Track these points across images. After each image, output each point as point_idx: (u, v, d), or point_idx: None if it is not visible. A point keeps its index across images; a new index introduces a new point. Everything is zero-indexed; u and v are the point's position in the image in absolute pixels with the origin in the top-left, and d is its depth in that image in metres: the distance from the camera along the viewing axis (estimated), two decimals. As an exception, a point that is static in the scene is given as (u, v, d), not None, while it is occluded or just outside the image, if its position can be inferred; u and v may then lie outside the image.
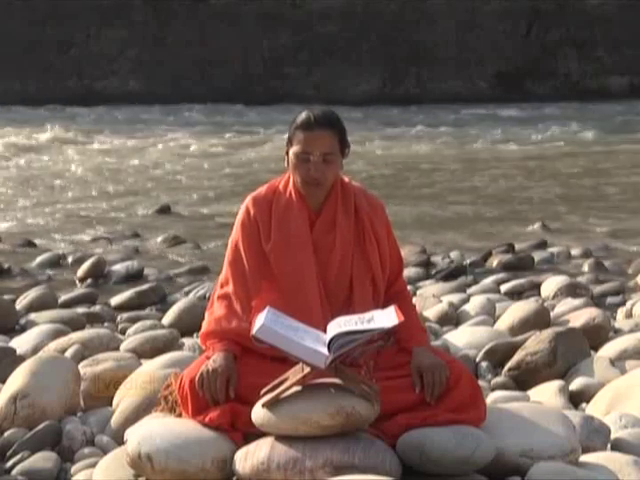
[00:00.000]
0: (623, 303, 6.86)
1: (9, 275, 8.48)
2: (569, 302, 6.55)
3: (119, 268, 8.32)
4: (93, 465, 3.73)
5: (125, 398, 4.21)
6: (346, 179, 3.86)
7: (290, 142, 3.75)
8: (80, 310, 6.72)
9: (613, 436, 3.80)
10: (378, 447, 3.38)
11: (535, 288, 7.39)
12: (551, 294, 7.06)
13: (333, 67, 30.53)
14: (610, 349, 5.16)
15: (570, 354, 4.91)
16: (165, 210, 12.21)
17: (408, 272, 7.77)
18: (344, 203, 3.79)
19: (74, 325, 6.06)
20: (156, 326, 6.07)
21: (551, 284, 7.23)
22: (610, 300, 7.12)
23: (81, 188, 14.26)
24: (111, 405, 4.34)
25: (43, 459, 3.88)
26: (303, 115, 3.73)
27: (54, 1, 30.80)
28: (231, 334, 3.67)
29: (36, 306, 6.92)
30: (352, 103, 26.84)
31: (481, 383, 4.38)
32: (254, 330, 3.38)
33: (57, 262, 8.94)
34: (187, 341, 5.49)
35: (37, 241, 10.09)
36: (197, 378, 3.57)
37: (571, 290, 7.03)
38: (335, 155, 3.72)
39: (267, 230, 3.76)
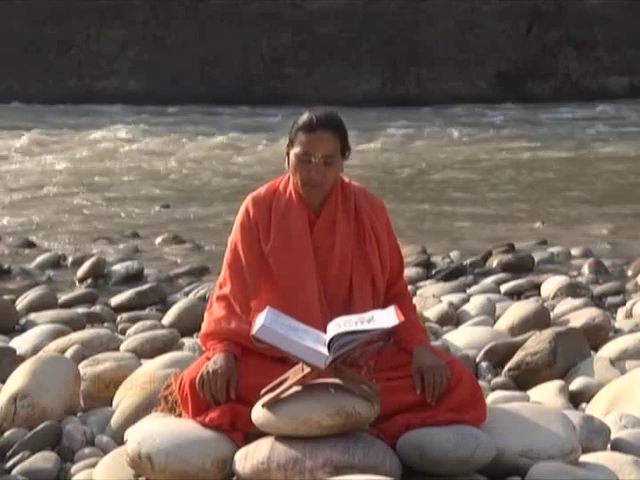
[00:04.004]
0: (623, 303, 6.85)
1: (9, 275, 8.47)
2: (569, 302, 6.55)
3: (119, 268, 8.31)
4: (93, 465, 3.73)
5: (125, 398, 4.21)
6: (346, 179, 3.86)
7: (291, 143, 3.74)
8: (80, 310, 6.72)
9: (613, 436, 3.80)
10: (378, 447, 3.38)
11: (535, 288, 7.39)
12: (551, 294, 7.06)
13: (333, 67, 30.50)
14: (610, 349, 5.16)
15: (570, 354, 4.91)
16: (165, 210, 12.21)
17: (408, 272, 7.76)
18: (344, 203, 3.79)
19: (74, 325, 6.06)
20: (156, 326, 6.07)
21: (551, 284, 7.23)
22: (610, 300, 7.12)
23: (81, 188, 14.25)
24: (111, 405, 4.34)
25: (43, 459, 3.88)
26: (305, 116, 3.72)
27: (54, 1, 30.76)
28: (231, 335, 3.67)
29: (36, 306, 6.92)
30: (352, 103, 26.83)
31: (481, 383, 4.38)
32: (254, 330, 3.38)
33: (57, 262, 8.93)
34: (187, 341, 5.49)
35: (37, 241, 10.09)
36: (197, 379, 3.57)
37: (571, 290, 7.03)
38: (336, 157, 3.72)
39: (266, 231, 3.76)
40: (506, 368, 4.95)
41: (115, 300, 7.22)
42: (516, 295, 7.32)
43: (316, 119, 3.69)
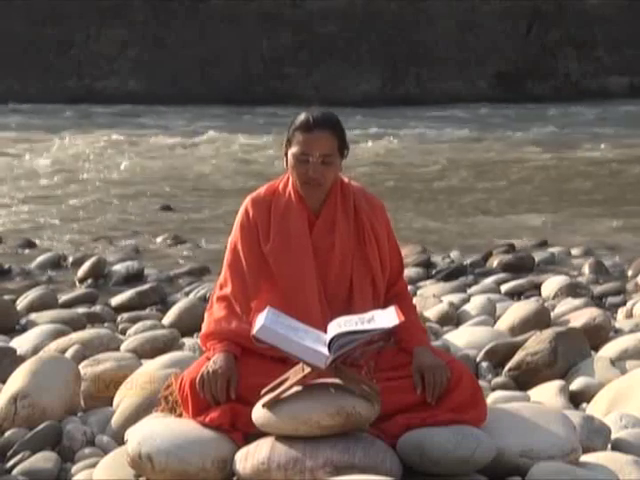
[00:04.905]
0: (623, 303, 6.86)
1: (9, 275, 8.48)
2: (569, 302, 6.56)
3: (119, 268, 8.31)
4: (93, 465, 3.73)
5: (125, 398, 4.21)
6: (346, 179, 3.86)
7: (289, 143, 3.75)
8: (80, 310, 6.72)
9: (613, 436, 3.80)
10: (378, 447, 3.38)
11: (535, 288, 7.40)
12: (551, 294, 7.07)
13: (333, 67, 30.50)
14: (610, 349, 5.16)
15: (570, 354, 4.91)
16: (165, 210, 12.21)
17: (408, 272, 7.76)
18: (343, 204, 3.79)
19: (74, 325, 6.06)
20: (156, 326, 6.07)
21: (551, 284, 7.24)
22: (610, 300, 7.12)
23: (81, 187, 14.25)
24: (111, 405, 4.34)
25: (43, 459, 3.88)
26: (302, 116, 3.74)
27: (54, 1, 30.77)
28: (231, 335, 3.67)
29: (36, 306, 6.92)
30: (352, 103, 26.83)
31: (481, 383, 4.38)
32: (254, 330, 3.38)
33: (57, 262, 8.92)
34: (187, 341, 5.49)
35: (37, 241, 10.09)
36: (198, 380, 3.57)
37: (571, 290, 7.03)
38: (334, 156, 3.72)
39: (266, 231, 3.76)
40: (506, 368, 4.95)
41: (115, 300, 7.22)
42: (516, 295, 7.33)
43: (313, 119, 3.70)
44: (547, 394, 4.47)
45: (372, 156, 17.89)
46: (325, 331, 3.42)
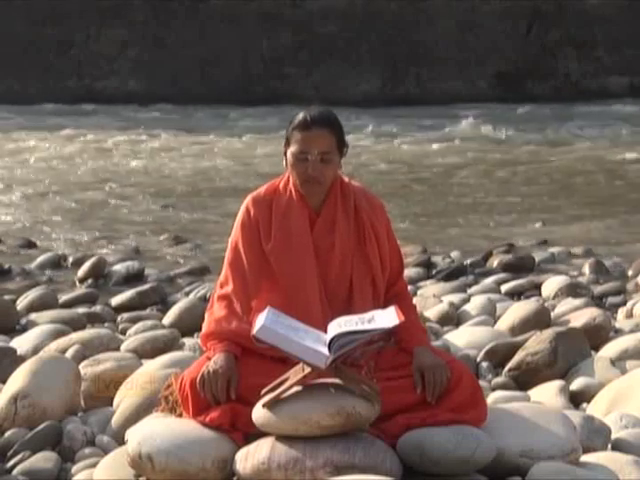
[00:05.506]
0: (624, 303, 6.85)
1: (9, 275, 8.47)
2: (569, 302, 6.55)
3: (119, 268, 8.31)
4: (94, 465, 3.73)
5: (126, 398, 4.21)
6: (346, 179, 3.86)
7: (288, 142, 3.76)
8: (81, 310, 6.72)
9: (614, 436, 3.80)
10: (378, 447, 3.38)
11: (535, 288, 7.39)
12: (552, 294, 7.06)
13: (333, 67, 30.48)
14: (611, 349, 5.16)
15: (570, 354, 4.92)
16: (166, 210, 12.21)
17: (408, 272, 7.76)
18: (344, 203, 3.80)
19: (75, 325, 6.06)
20: (157, 326, 6.07)
21: (552, 284, 7.23)
22: (611, 300, 7.12)
23: (81, 188, 14.25)
24: (112, 405, 4.34)
25: (44, 459, 3.88)
26: (300, 115, 3.75)
27: (54, 1, 30.75)
28: (231, 335, 3.67)
29: (36, 306, 6.92)
30: (352, 103, 26.82)
31: (482, 383, 4.37)
32: (254, 330, 3.39)
33: (57, 262, 8.92)
34: (188, 341, 5.49)
35: (37, 241, 10.09)
36: (198, 379, 3.57)
37: (572, 290, 7.03)
38: (333, 154, 3.73)
39: (267, 230, 3.77)
40: (506, 368, 4.95)
41: (115, 300, 7.22)
42: (516, 295, 7.33)
43: (310, 117, 3.72)
44: (547, 394, 4.47)
45: (373, 156, 17.88)
46: (325, 330, 3.43)
